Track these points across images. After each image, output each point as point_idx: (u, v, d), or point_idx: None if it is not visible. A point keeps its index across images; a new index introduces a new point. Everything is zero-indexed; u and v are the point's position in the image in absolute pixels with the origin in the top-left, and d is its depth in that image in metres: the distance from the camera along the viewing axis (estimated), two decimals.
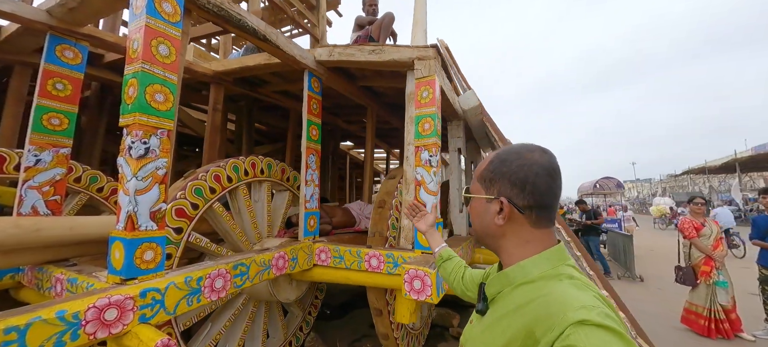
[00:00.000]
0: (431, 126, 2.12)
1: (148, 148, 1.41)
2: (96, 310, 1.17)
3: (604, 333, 0.44)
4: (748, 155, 18.57)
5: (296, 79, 3.48)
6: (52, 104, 2.05)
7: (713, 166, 20.99)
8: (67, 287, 1.49)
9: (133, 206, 1.36)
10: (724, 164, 20.06)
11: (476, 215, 0.71)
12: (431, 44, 2.19)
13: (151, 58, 1.43)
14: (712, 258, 3.34)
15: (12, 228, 1.51)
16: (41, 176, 2.02)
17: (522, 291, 0.59)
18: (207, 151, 3.21)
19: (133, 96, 1.40)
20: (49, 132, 2.05)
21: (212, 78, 3.19)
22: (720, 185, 25.91)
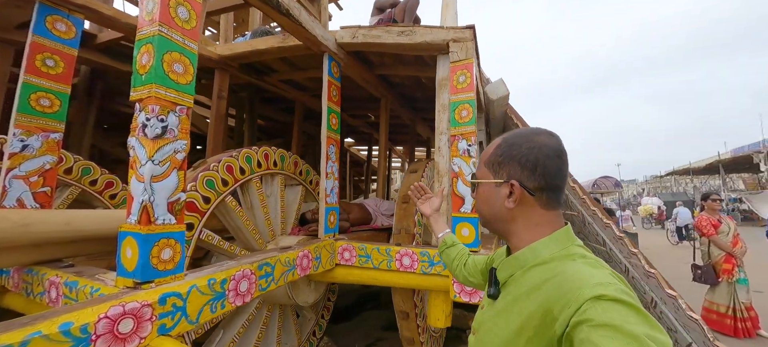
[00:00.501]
0: (470, 113, 1.95)
1: (166, 127, 1.19)
2: (108, 321, 0.95)
3: (620, 306, 0.44)
4: (730, 157, 19.19)
5: (307, 67, 3.26)
6: (42, 82, 1.79)
7: (697, 167, 21.62)
8: (65, 292, 1.25)
9: (148, 196, 1.14)
10: (708, 166, 20.67)
11: (484, 200, 0.70)
12: (468, 25, 2.02)
13: (169, 21, 1.21)
14: (734, 256, 3.29)
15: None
16: (28, 164, 1.76)
17: (535, 272, 0.59)
18: (211, 142, 2.96)
19: (147, 64, 1.18)
20: (37, 114, 1.79)
21: (217, 63, 2.94)
22: (702, 185, 26.73)
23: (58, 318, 0.87)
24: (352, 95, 4.11)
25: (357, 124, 5.49)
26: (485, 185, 0.69)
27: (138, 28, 1.23)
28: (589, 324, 0.43)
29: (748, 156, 17.29)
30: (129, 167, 1.19)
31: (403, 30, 2.15)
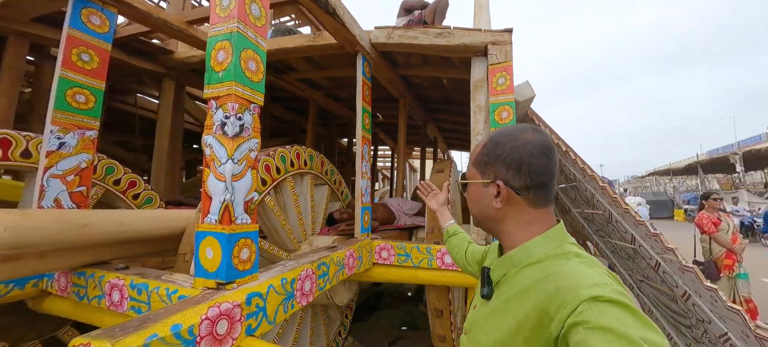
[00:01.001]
0: (510, 114, 1.99)
1: (243, 125, 1.18)
2: (209, 323, 0.93)
3: (616, 308, 0.43)
4: (707, 158, 20.17)
5: (329, 66, 3.25)
6: (78, 77, 1.73)
7: (677, 167, 22.61)
8: (133, 295, 1.22)
9: (229, 195, 1.12)
10: (687, 166, 21.66)
11: (474, 200, 0.69)
12: (506, 29, 2.06)
13: (245, 18, 1.20)
14: (734, 252, 3.48)
15: (55, 223, 1.21)
16: (65, 163, 1.69)
17: (529, 272, 0.59)
18: None
19: (225, 62, 1.16)
20: (74, 110, 1.72)
21: None
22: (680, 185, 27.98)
23: (168, 319, 0.85)
24: None
25: None
26: (474, 185, 0.68)
27: (211, 24, 1.21)
28: (585, 326, 0.42)
29: (724, 157, 18.22)
30: (204, 165, 1.17)
31: (441, 32, 2.18)
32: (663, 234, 1.86)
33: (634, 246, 2.21)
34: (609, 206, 2.26)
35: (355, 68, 3.15)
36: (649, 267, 2.16)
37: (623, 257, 2.63)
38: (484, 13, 2.32)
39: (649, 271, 2.22)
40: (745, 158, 15.80)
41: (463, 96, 3.72)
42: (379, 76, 2.90)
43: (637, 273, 2.51)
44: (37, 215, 1.19)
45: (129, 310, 1.23)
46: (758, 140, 25.80)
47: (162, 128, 3.33)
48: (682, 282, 1.84)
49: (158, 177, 3.30)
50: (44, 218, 1.20)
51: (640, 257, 2.23)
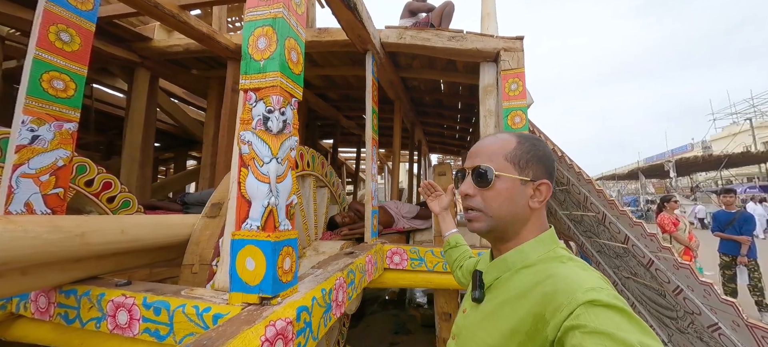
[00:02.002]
0: (523, 119, 2.05)
1: (286, 121, 1.07)
2: (268, 344, 0.82)
3: (613, 313, 0.44)
4: (646, 165, 22.61)
5: (325, 64, 3.14)
6: (56, 60, 1.48)
7: (622, 173, 25.07)
8: (148, 316, 1.04)
9: (274, 198, 1.01)
10: (630, 172, 24.08)
11: (506, 197, 0.62)
12: (518, 36, 2.12)
13: (288, 3, 1.09)
14: (691, 248, 3.89)
15: (50, 232, 1.00)
16: (39, 160, 1.43)
17: (524, 275, 0.59)
18: (223, 138, 2.68)
19: (268, 50, 1.04)
20: (50, 98, 1.47)
21: (232, 53, 2.68)
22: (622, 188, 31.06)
23: (228, 343, 0.73)
24: (353, 95, 4.04)
25: (350, 125, 5.39)
26: (508, 180, 0.62)
27: (248, 7, 1.08)
28: (582, 331, 0.42)
29: (660, 164, 20.51)
30: (241, 165, 1.04)
31: (455, 35, 2.18)
32: (658, 234, 2.00)
33: (625, 246, 2.36)
34: (603, 208, 2.40)
35: (354, 67, 3.08)
36: (639, 264, 2.33)
37: (610, 256, 2.82)
38: (492, 20, 2.37)
39: (639, 269, 2.39)
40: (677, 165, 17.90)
41: (455, 100, 3.79)
42: (381, 77, 2.85)
43: (624, 270, 2.70)
44: (24, 222, 0.98)
45: (142, 334, 1.05)
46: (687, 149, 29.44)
47: (134, 122, 2.98)
48: (675, 277, 2.00)
49: (129, 178, 2.94)
50: (35, 226, 0.99)
51: (631, 256, 2.40)
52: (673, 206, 4.16)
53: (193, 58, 3.17)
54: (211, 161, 3.38)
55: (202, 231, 1.52)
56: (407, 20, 2.75)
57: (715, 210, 4.21)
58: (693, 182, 24.79)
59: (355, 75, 3.28)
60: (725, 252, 3.98)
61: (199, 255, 1.45)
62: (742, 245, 3.81)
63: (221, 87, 3.14)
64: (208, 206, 1.61)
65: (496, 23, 2.40)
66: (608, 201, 2.28)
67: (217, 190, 1.66)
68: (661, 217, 4.22)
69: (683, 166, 18.26)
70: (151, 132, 3.33)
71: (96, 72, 3.80)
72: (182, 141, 6.13)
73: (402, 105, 3.52)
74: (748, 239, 3.80)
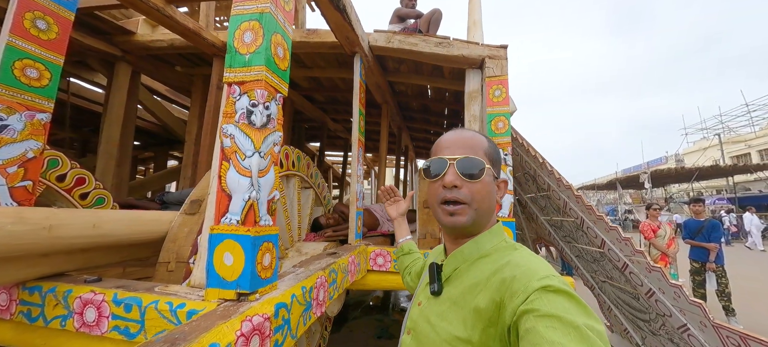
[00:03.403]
0: (505, 125, 2.10)
1: (270, 115, 1.06)
2: (244, 340, 0.80)
3: (563, 298, 0.46)
4: (623, 176, 23.50)
5: (313, 66, 3.14)
6: (30, 47, 1.43)
7: (601, 183, 25.92)
8: (118, 312, 1.00)
9: (255, 192, 0.99)
10: (608, 182, 24.94)
11: (488, 192, 0.64)
12: (502, 45, 2.19)
13: (275, 0, 1.09)
14: (667, 255, 4.06)
15: (15, 223, 0.95)
16: (7, 150, 1.37)
17: (481, 264, 0.61)
18: (207, 136, 2.62)
19: (254, 44, 1.04)
20: (22, 87, 1.41)
21: (218, 50, 2.64)
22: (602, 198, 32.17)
23: (202, 337, 0.71)
24: (340, 98, 4.05)
25: (337, 128, 5.38)
26: (490, 175, 0.65)
27: (235, 1, 1.08)
28: (535, 314, 0.45)
29: (636, 175, 21.38)
30: (222, 158, 1.02)
31: (441, 42, 2.23)
32: (633, 239, 2.08)
33: (602, 250, 2.44)
34: (582, 214, 2.48)
35: (341, 69, 3.09)
36: (615, 268, 2.41)
37: (588, 261, 2.90)
38: (478, 28, 2.43)
39: (614, 272, 2.47)
40: (652, 177, 18.70)
41: (442, 106, 3.85)
42: (368, 80, 2.87)
43: (600, 274, 2.78)
44: None
45: (110, 332, 1.01)
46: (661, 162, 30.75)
47: (112, 118, 2.88)
48: (647, 280, 2.08)
49: (105, 175, 2.83)
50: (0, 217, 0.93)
51: (607, 260, 2.48)
52: (654, 213, 4.33)
53: (178, 55, 3.11)
54: (192, 161, 3.30)
55: (180, 228, 1.47)
56: (396, 25, 2.79)
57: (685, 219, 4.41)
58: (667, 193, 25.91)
59: (342, 77, 3.30)
60: (695, 259, 4.17)
61: (176, 253, 1.41)
62: (710, 252, 4.00)
63: (206, 85, 3.08)
64: (187, 203, 1.56)
65: (482, 32, 2.47)
66: (586, 206, 2.36)
67: (198, 186, 1.62)
68: (642, 224, 4.39)
69: (658, 178, 19.06)
70: (130, 129, 3.23)
71: (73, 65, 3.66)
72: (163, 140, 5.96)
73: (389, 109, 3.55)
74: (716, 246, 4.00)
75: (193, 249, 1.41)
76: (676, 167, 18.42)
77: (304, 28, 2.47)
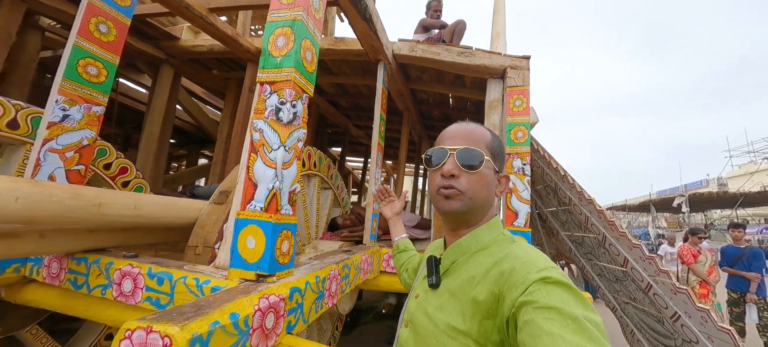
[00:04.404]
0: (525, 134, 2.10)
1: (296, 113, 1.15)
2: (260, 315, 0.87)
3: (562, 290, 0.47)
4: (658, 198, 22.11)
5: (339, 73, 3.26)
6: (92, 48, 1.62)
7: (633, 204, 24.51)
8: (151, 285, 1.10)
9: (278, 183, 1.08)
10: (640, 204, 23.55)
11: (485, 183, 0.65)
12: (525, 56, 2.20)
13: (307, 8, 1.19)
14: (708, 283, 3.80)
15: (71, 199, 1.08)
16: (66, 137, 1.55)
17: (480, 257, 0.61)
18: (237, 136, 2.79)
19: (285, 48, 1.14)
20: (83, 82, 1.59)
21: (252, 55, 2.82)
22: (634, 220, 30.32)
23: (225, 307, 0.78)
24: (363, 104, 4.16)
25: (359, 134, 5.50)
26: (490, 167, 0.66)
27: (271, 9, 1.19)
28: (533, 306, 0.45)
29: (671, 198, 20.05)
30: (251, 150, 1.11)
31: (463, 51, 2.27)
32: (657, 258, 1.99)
33: (625, 269, 2.35)
34: (604, 229, 2.40)
35: (366, 77, 3.20)
36: (638, 289, 2.30)
37: (610, 280, 2.78)
38: (501, 39, 2.46)
39: (638, 293, 2.36)
40: (690, 200, 17.48)
41: (464, 115, 3.86)
42: (391, 87, 2.95)
43: (623, 294, 2.66)
44: (50, 187, 1.07)
45: (143, 302, 1.11)
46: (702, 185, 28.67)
47: (154, 116, 3.13)
48: (672, 303, 1.98)
49: (144, 168, 3.07)
50: (59, 192, 1.07)
51: (630, 280, 2.37)
52: (696, 240, 4.09)
53: (215, 59, 3.34)
54: (222, 158, 3.50)
55: (209, 216, 1.59)
56: (421, 35, 2.87)
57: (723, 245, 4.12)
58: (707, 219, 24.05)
59: (366, 84, 3.40)
60: (733, 289, 3.87)
61: (204, 238, 1.52)
62: (751, 282, 3.70)
63: (239, 87, 3.29)
64: (216, 193, 1.69)
65: (505, 43, 2.49)
66: (608, 222, 2.28)
67: (227, 179, 1.74)
68: (681, 248, 4.15)
69: (697, 202, 17.78)
70: (168, 127, 3.48)
71: (123, 67, 4.02)
72: (196, 139, 6.33)
73: (410, 117, 3.60)
74: (758, 276, 3.70)
75: (219, 236, 1.52)
76: (718, 192, 17.11)
77: (333, 36, 2.59)
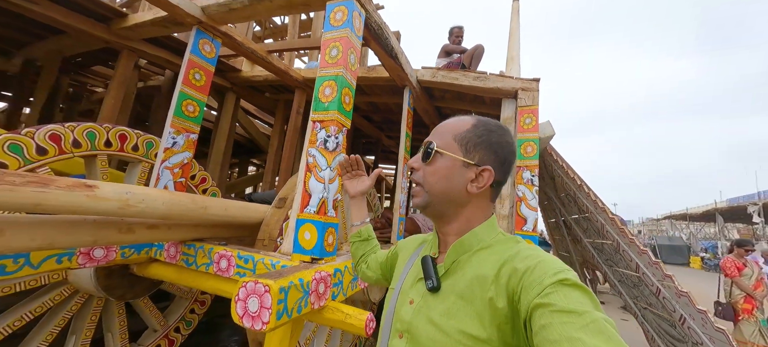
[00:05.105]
0: (534, 149, 2.36)
1: (338, 143, 1.58)
2: (315, 282, 1.30)
3: (578, 292, 0.46)
4: (726, 207, 19.78)
5: (371, 93, 3.71)
6: (190, 91, 2.20)
7: (695, 213, 22.17)
8: (240, 263, 1.60)
9: (326, 193, 1.51)
10: (704, 213, 21.23)
11: (442, 176, 0.63)
12: (534, 78, 2.46)
13: (346, 65, 1.62)
14: (754, 297, 3.64)
15: (191, 203, 1.61)
16: (175, 158, 2.13)
17: (484, 254, 0.59)
18: (287, 149, 3.34)
19: (330, 96, 1.58)
20: (185, 117, 2.18)
21: (299, 83, 3.37)
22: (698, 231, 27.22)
23: (295, 275, 1.22)
24: (393, 118, 4.57)
25: (390, 144, 5.93)
26: (448, 159, 0.63)
27: (321, 67, 1.64)
28: (551, 309, 0.44)
29: (742, 206, 17.87)
30: (307, 170, 1.56)
31: (479, 76, 2.59)
32: (662, 263, 2.15)
33: (638, 274, 2.49)
34: (617, 236, 2.56)
35: (394, 96, 3.61)
36: (651, 293, 2.43)
37: (629, 286, 2.89)
38: (515, 63, 2.73)
39: (652, 298, 2.48)
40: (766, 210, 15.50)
41: None
42: (417, 105, 3.32)
43: (641, 300, 2.76)
44: (178, 195, 1.60)
45: (235, 275, 1.61)
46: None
47: (221, 133, 3.81)
48: (678, 306, 2.12)
49: (213, 176, 3.75)
50: (183, 198, 1.60)
51: (644, 285, 2.51)
52: (742, 252, 3.92)
53: (268, 85, 3.97)
54: (273, 168, 4.12)
55: (272, 217, 2.09)
56: (443, 60, 3.21)
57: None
58: None
59: (395, 102, 3.81)
60: None
61: (269, 233, 2.01)
62: None
63: (287, 109, 3.87)
64: (277, 200, 2.18)
65: (519, 66, 2.76)
66: (619, 229, 2.45)
67: (284, 188, 2.23)
68: (725, 259, 4.00)
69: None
70: (230, 142, 4.18)
71: None
72: (246, 150, 7.19)
73: None
74: None
75: (280, 232, 2.00)
76: None
77: (366, 66, 3.04)
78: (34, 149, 1.79)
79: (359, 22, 1.74)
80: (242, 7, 2.04)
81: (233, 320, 1.09)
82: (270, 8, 2.02)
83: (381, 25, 1.97)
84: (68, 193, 1.16)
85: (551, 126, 3.03)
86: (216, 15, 2.17)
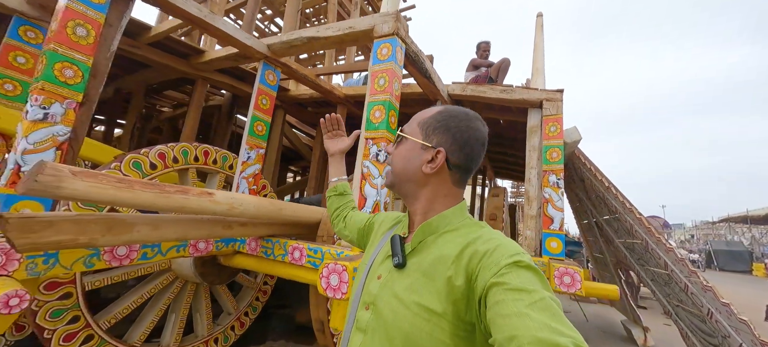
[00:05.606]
0: (559, 155, 2.57)
1: (387, 156, 1.94)
2: None
3: (530, 273, 0.50)
4: None
5: (406, 106, 4.05)
6: (259, 114, 2.67)
7: (756, 216, 20.16)
8: (310, 254, 2.00)
9: (378, 197, 1.87)
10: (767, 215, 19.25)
11: (402, 157, 0.71)
12: (558, 89, 2.68)
13: (391, 92, 1.99)
14: None
15: (271, 206, 2.05)
16: (249, 170, 2.61)
17: (450, 236, 0.63)
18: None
19: (380, 118, 1.95)
20: (255, 136, 2.65)
21: (340, 99, 3.80)
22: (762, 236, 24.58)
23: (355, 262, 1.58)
24: None
25: None
26: (410, 143, 0.70)
27: (370, 94, 2.01)
28: (504, 287, 0.48)
29: None
30: (362, 178, 1.94)
31: (505, 89, 2.85)
32: (688, 260, 2.28)
33: (668, 272, 2.61)
34: (645, 236, 2.69)
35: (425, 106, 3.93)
36: (681, 290, 2.54)
37: (661, 284, 2.97)
38: (540, 75, 2.95)
39: (682, 295, 2.58)
40: None
41: (514, 133, 4.31)
42: None
43: (673, 298, 2.84)
44: (262, 200, 2.04)
45: (306, 263, 2.01)
46: None
47: (272, 146, 4.34)
48: (705, 300, 2.24)
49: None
50: (266, 203, 2.04)
51: (674, 283, 2.62)
52: None
53: (312, 101, 4.45)
54: (315, 174, 4.59)
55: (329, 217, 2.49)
56: (471, 73, 3.49)
57: None
58: None
59: None
60: None
61: (327, 231, 2.41)
62: None
63: None
64: None
65: (544, 78, 2.97)
66: (646, 228, 2.59)
67: None
68: None
69: None
70: (279, 152, 4.71)
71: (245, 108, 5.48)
72: (285, 158, 7.84)
73: None
74: None
75: None
76: None
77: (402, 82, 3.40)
78: (148, 165, 2.33)
79: (401, 54, 2.10)
80: (301, 43, 2.48)
81: (318, 291, 1.47)
82: (325, 44, 2.44)
83: (417, 53, 2.32)
84: (199, 199, 1.61)
85: (578, 131, 3.20)
86: (279, 50, 2.64)
